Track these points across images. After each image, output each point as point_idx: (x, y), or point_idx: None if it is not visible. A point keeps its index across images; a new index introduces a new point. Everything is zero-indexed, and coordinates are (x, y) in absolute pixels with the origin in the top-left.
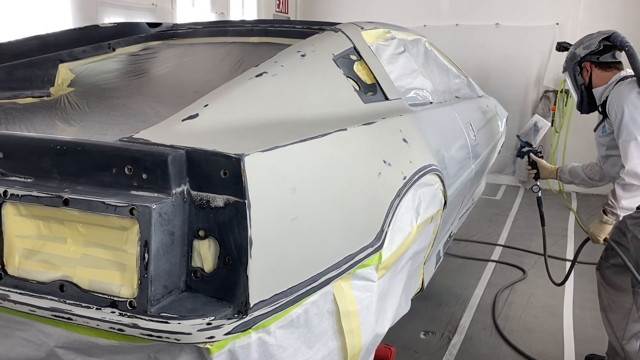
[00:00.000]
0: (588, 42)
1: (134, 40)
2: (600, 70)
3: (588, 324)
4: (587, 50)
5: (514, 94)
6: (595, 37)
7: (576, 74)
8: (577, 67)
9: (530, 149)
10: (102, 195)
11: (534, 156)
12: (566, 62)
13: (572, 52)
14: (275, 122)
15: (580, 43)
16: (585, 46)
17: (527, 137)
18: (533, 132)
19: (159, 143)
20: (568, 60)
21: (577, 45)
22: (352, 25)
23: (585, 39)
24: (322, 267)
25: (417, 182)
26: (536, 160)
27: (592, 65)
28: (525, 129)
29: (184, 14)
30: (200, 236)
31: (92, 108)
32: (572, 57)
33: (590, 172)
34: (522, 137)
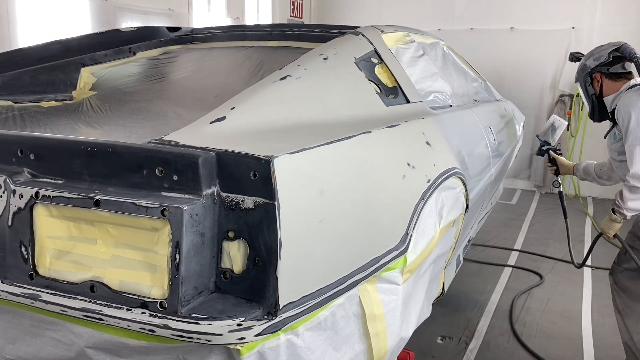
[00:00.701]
0: (598, 54)
1: (154, 44)
2: (610, 81)
3: (607, 330)
4: (597, 61)
5: (529, 98)
6: (605, 49)
7: (587, 85)
8: (587, 78)
9: (549, 147)
10: (132, 197)
11: (554, 153)
12: (577, 73)
13: (583, 64)
14: (300, 124)
15: (591, 55)
16: (595, 58)
17: (546, 136)
18: (551, 131)
19: (190, 145)
20: (579, 71)
21: (587, 56)
22: (373, 28)
23: (595, 50)
24: (348, 270)
25: (441, 185)
26: (555, 158)
27: (602, 76)
28: (544, 129)
29: (200, 19)
30: (229, 237)
31: (114, 111)
32: (583, 68)
33: (599, 171)
34: (541, 137)
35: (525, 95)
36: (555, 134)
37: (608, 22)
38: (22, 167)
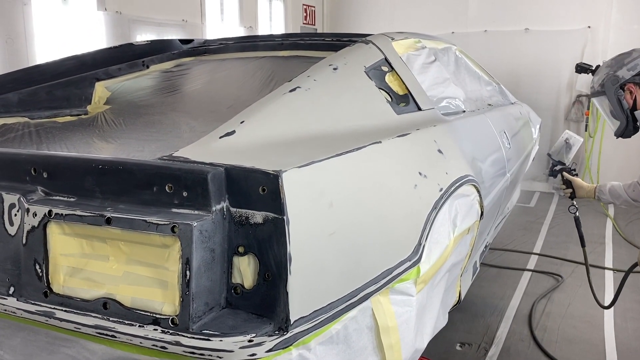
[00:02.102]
0: (632, 63)
1: (167, 57)
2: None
3: (630, 334)
4: (634, 71)
5: (546, 99)
6: (637, 57)
7: (620, 98)
8: (619, 90)
9: (563, 167)
10: (143, 214)
11: (568, 175)
12: (604, 85)
13: (612, 75)
14: (310, 136)
15: (620, 64)
16: (630, 67)
17: (559, 155)
18: (565, 149)
19: (199, 161)
20: (607, 83)
21: (615, 66)
22: (383, 36)
23: (623, 59)
24: (360, 283)
25: (454, 193)
26: (571, 179)
27: (636, 87)
28: (556, 147)
29: (214, 29)
30: (240, 252)
31: (128, 125)
32: (614, 80)
33: (634, 193)
34: (554, 156)
35: (541, 96)
36: (570, 152)
37: (624, 21)
38: (36, 185)
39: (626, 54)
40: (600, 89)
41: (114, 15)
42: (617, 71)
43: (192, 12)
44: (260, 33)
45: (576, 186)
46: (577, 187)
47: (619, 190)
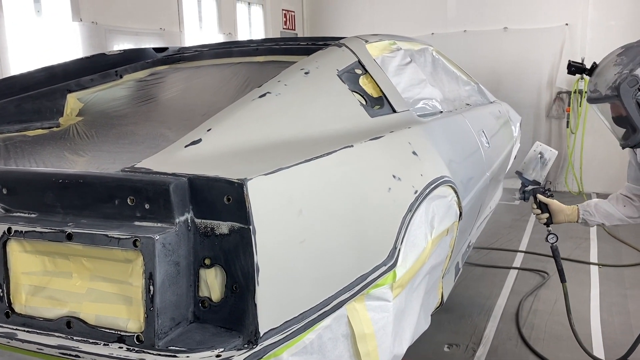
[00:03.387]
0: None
1: (141, 66)
2: None
3: (617, 329)
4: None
5: (527, 96)
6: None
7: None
8: (638, 92)
9: (536, 187)
10: (106, 228)
11: (542, 197)
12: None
13: (630, 75)
14: (280, 142)
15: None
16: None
17: (532, 172)
18: (539, 165)
19: (161, 172)
20: (624, 85)
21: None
22: (356, 39)
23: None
24: (334, 290)
25: (430, 195)
26: (547, 202)
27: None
28: (527, 163)
29: (192, 37)
30: (206, 265)
31: (100, 137)
32: (633, 81)
33: (626, 210)
34: (525, 174)
35: (522, 94)
36: (545, 169)
37: (601, 18)
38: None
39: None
40: (612, 92)
41: (90, 25)
42: (635, 69)
43: (170, 20)
44: (240, 39)
45: (554, 210)
46: (554, 211)
47: (609, 209)
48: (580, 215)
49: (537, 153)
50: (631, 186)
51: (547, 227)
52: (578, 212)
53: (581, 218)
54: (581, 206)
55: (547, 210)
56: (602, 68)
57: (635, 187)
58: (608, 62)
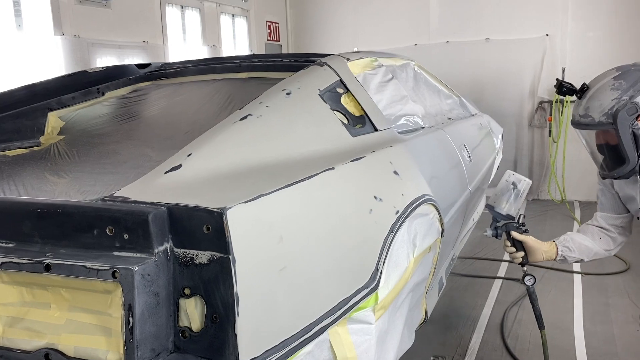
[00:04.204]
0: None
1: (123, 82)
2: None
3: (600, 338)
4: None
5: (509, 106)
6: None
7: (636, 131)
8: (636, 122)
9: (508, 222)
10: (85, 258)
11: (517, 234)
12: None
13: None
14: (261, 166)
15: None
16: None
17: (505, 206)
18: (512, 197)
19: (140, 201)
20: (622, 113)
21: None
22: (338, 57)
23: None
24: (315, 316)
25: (412, 214)
26: (522, 240)
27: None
28: (500, 195)
29: (176, 49)
30: (186, 294)
31: (82, 156)
32: (632, 109)
33: (602, 242)
34: (497, 208)
35: (505, 104)
36: (518, 201)
37: (580, 29)
38: None
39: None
40: (607, 119)
41: (72, 39)
42: (635, 97)
43: (153, 33)
44: (224, 51)
45: (530, 248)
46: (531, 248)
47: (587, 244)
48: (559, 251)
49: (509, 183)
50: (607, 216)
51: (523, 267)
52: (556, 248)
53: (560, 255)
54: (559, 242)
55: (522, 248)
56: (597, 91)
57: (612, 217)
58: (603, 85)
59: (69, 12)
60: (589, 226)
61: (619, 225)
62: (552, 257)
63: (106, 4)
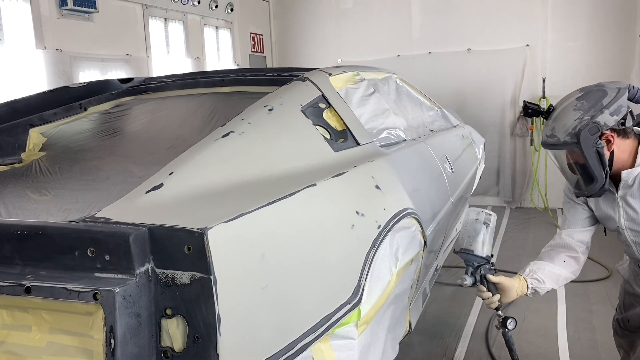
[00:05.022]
0: (614, 105)
1: (106, 97)
2: (622, 140)
3: (584, 345)
4: (618, 116)
5: (491, 115)
6: (617, 97)
7: (600, 150)
8: (599, 141)
9: (481, 264)
10: (66, 280)
11: (492, 276)
12: (577, 136)
13: (592, 123)
14: (243, 184)
15: (599, 107)
16: (613, 111)
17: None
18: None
19: (121, 221)
20: (584, 133)
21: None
22: (320, 72)
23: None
24: (298, 333)
25: (393, 228)
26: (496, 282)
27: (614, 135)
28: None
29: (160, 62)
30: (167, 315)
31: (64, 173)
32: (594, 128)
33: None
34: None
35: (487, 113)
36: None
37: (560, 39)
38: None
39: (599, 91)
40: (571, 139)
41: (54, 53)
42: (596, 116)
43: (137, 46)
44: (208, 63)
45: (505, 288)
46: (504, 289)
47: (555, 271)
48: (529, 285)
49: (480, 223)
50: (575, 231)
51: (498, 311)
52: (526, 282)
53: (530, 288)
54: (526, 275)
55: (496, 291)
56: (560, 112)
57: (579, 231)
58: (567, 105)
59: (51, 25)
60: (551, 251)
61: (585, 241)
62: (524, 293)
63: (89, 17)
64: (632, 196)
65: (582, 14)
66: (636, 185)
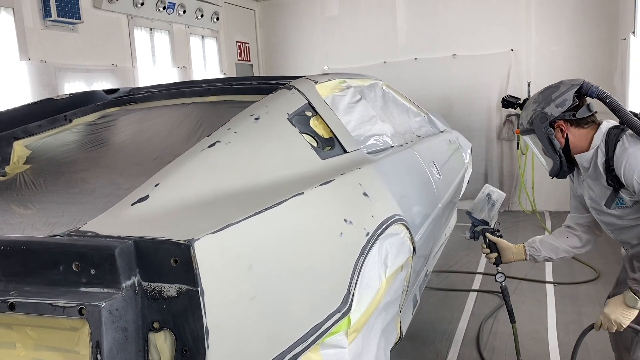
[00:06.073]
0: (560, 99)
1: (91, 109)
2: (577, 129)
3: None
4: (563, 107)
5: (478, 120)
6: (565, 91)
7: (551, 137)
8: (550, 128)
9: (485, 227)
10: (50, 295)
11: (491, 236)
12: (532, 124)
13: (541, 112)
14: (230, 194)
15: (548, 100)
16: (558, 103)
17: (481, 213)
18: (487, 206)
19: (106, 235)
20: (536, 121)
21: (542, 102)
22: (306, 80)
23: (551, 94)
24: (287, 344)
25: (382, 235)
26: (495, 241)
27: (567, 124)
28: (477, 204)
29: (146, 72)
30: (155, 328)
31: (49, 186)
32: (542, 117)
33: (569, 240)
34: (475, 214)
35: (474, 118)
36: (493, 210)
37: (544, 43)
38: None
39: (554, 87)
40: (529, 127)
41: (39, 64)
42: (545, 108)
43: (122, 56)
44: (195, 72)
45: (502, 249)
46: (503, 249)
47: (554, 243)
48: (527, 252)
49: (485, 194)
50: (573, 215)
51: (497, 266)
52: (524, 249)
53: (528, 254)
54: (527, 243)
55: (495, 250)
56: (526, 105)
57: (576, 216)
58: (531, 99)
59: (35, 37)
60: (559, 228)
61: (583, 224)
62: (522, 257)
63: (73, 28)
64: (590, 177)
65: (565, 18)
66: (591, 168)
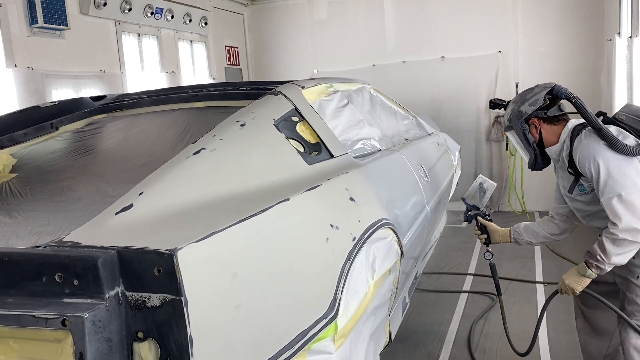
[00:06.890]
0: (533, 99)
1: (78, 116)
2: (549, 125)
3: (564, 346)
4: (535, 106)
5: (467, 122)
6: (538, 92)
7: (526, 133)
8: (525, 125)
9: (477, 212)
10: (33, 307)
11: (483, 220)
12: (510, 121)
13: (517, 111)
14: (215, 201)
15: (523, 100)
16: (531, 103)
17: (474, 199)
18: (479, 194)
19: (90, 245)
20: (513, 118)
21: (519, 102)
22: (293, 85)
23: (526, 95)
24: (273, 351)
25: (369, 239)
26: (485, 224)
27: (540, 122)
28: (471, 192)
29: (134, 78)
30: (139, 338)
31: (35, 194)
32: (518, 115)
33: (549, 228)
34: (468, 200)
35: (462, 119)
36: (484, 197)
37: (530, 44)
38: None
39: (530, 89)
40: (509, 123)
41: (26, 71)
42: (520, 107)
43: (110, 62)
44: (184, 77)
45: (491, 231)
46: (491, 231)
47: (535, 229)
48: (512, 235)
49: (478, 184)
50: (555, 206)
51: (487, 245)
52: (510, 233)
53: (512, 237)
54: (512, 228)
55: (485, 231)
56: (508, 104)
57: (557, 207)
58: (513, 99)
59: (21, 43)
60: (544, 217)
61: (562, 213)
62: (507, 240)
63: (60, 35)
64: (560, 168)
65: (551, 20)
66: (561, 160)
